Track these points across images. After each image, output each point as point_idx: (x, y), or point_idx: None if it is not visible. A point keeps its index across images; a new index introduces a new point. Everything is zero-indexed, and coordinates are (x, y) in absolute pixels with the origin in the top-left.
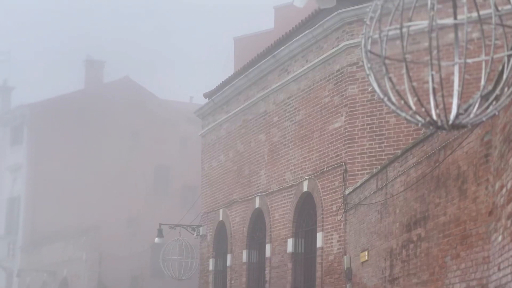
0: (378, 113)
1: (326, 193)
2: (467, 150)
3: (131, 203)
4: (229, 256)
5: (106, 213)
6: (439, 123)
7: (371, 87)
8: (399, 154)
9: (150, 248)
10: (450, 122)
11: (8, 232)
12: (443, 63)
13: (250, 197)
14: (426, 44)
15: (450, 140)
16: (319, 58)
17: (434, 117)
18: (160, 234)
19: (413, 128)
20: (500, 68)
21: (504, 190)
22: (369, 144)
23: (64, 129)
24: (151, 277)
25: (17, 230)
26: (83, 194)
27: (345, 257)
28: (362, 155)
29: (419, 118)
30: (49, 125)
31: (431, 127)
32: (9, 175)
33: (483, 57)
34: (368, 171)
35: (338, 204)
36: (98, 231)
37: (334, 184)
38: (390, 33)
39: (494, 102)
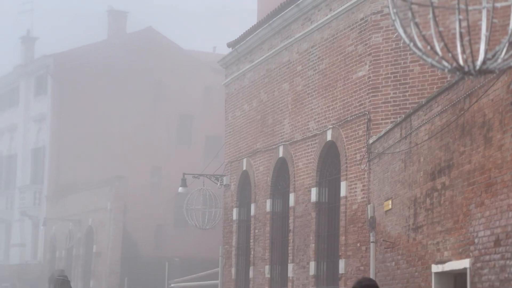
0: (402, 61)
1: (350, 142)
2: (492, 97)
3: (155, 153)
4: (252, 206)
5: (130, 163)
6: (466, 69)
7: (396, 34)
8: (423, 103)
9: (173, 198)
10: (477, 67)
11: (33, 182)
12: (470, 8)
13: (273, 147)
14: None
15: (476, 87)
16: (343, 7)
17: (461, 62)
18: (183, 183)
19: (437, 77)
20: None
21: None
22: (393, 93)
23: (88, 80)
24: (175, 227)
25: (43, 179)
26: (107, 144)
27: (368, 206)
28: (386, 104)
29: (446, 64)
30: (73, 75)
31: (457, 73)
32: (34, 126)
33: (511, 1)
34: (392, 120)
35: (361, 153)
36: (123, 181)
37: (357, 133)
38: None
39: None
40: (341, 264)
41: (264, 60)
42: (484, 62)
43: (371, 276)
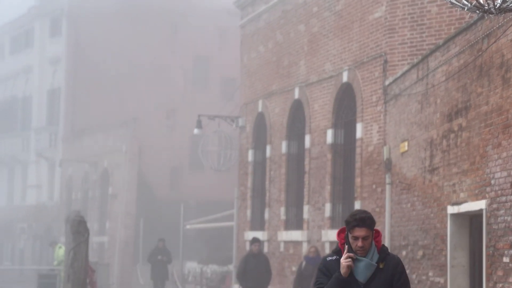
0: (419, 2)
1: (366, 83)
2: (511, 38)
3: (170, 95)
4: (268, 147)
5: (145, 105)
6: (486, 7)
7: None
8: (441, 44)
9: (189, 139)
10: (497, 5)
11: (49, 124)
12: None
13: (289, 88)
14: None
15: (494, 28)
16: None
17: (481, 0)
18: (199, 125)
19: (455, 17)
20: None
21: None
22: (410, 34)
23: (103, 21)
24: (190, 169)
25: (58, 121)
26: (122, 86)
27: (384, 147)
28: (403, 45)
29: (465, 2)
30: (88, 16)
31: (477, 11)
32: (49, 67)
33: None
34: (409, 61)
35: (378, 95)
36: (138, 123)
37: (374, 75)
38: None
39: None
40: (357, 205)
41: (280, 1)
42: (504, 1)
43: (387, 218)
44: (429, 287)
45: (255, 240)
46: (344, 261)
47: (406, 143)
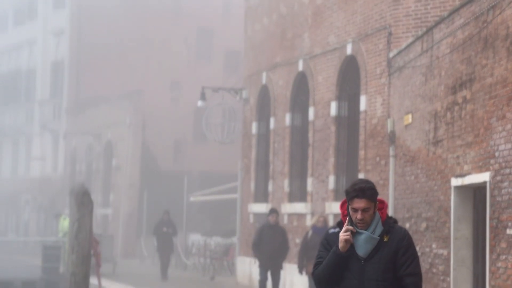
0: None
1: (370, 56)
2: None
3: (174, 67)
4: (272, 120)
5: (149, 77)
6: None
7: None
8: (445, 16)
9: (193, 112)
10: None
11: (53, 96)
12: None
13: (293, 61)
14: None
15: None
16: None
17: None
18: (202, 97)
19: None
20: None
21: None
22: (415, 6)
23: None
24: (194, 141)
25: (62, 93)
26: (126, 58)
27: (388, 120)
28: (407, 17)
29: None
30: None
31: None
32: (53, 39)
33: None
34: (413, 33)
35: (382, 67)
36: (141, 95)
37: (378, 47)
38: None
39: None
40: (361, 178)
41: None
42: None
43: (390, 190)
44: (432, 259)
45: (272, 211)
46: (342, 234)
47: (410, 116)
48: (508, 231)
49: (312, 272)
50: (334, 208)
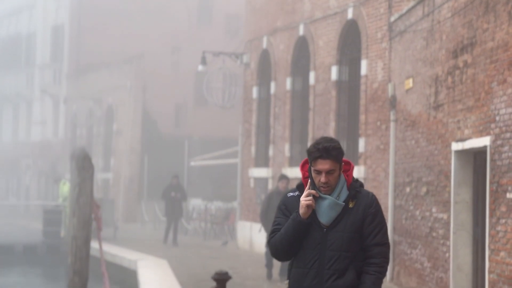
0: None
1: (371, 20)
2: None
3: (174, 32)
4: (272, 84)
5: (150, 41)
6: None
7: None
8: None
9: (193, 76)
10: None
11: (53, 60)
12: None
13: (294, 25)
14: None
15: None
16: None
17: None
18: (203, 61)
19: None
20: None
21: None
22: None
23: None
24: (195, 106)
25: (62, 57)
26: (127, 22)
27: (389, 84)
28: None
29: None
30: None
31: None
32: (53, 3)
33: None
34: None
35: (383, 32)
36: (142, 60)
37: (379, 11)
38: None
39: None
40: (361, 142)
41: None
42: None
43: (391, 155)
44: (432, 223)
45: (283, 177)
46: (303, 199)
47: (411, 80)
48: (508, 195)
49: (267, 241)
50: None
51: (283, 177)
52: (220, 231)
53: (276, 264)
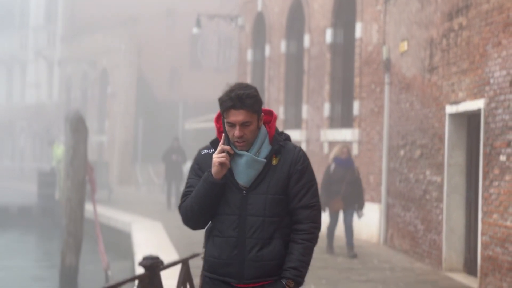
0: None
1: None
2: None
3: None
4: (267, 47)
5: (145, 4)
6: None
7: None
8: None
9: (188, 39)
10: None
11: (47, 22)
12: None
13: None
14: None
15: None
16: None
17: None
18: (198, 24)
19: None
20: None
21: None
22: None
23: None
24: (190, 68)
25: (57, 20)
26: None
27: (384, 47)
28: None
29: None
30: None
31: None
32: None
33: None
34: None
35: None
36: (137, 23)
37: None
38: None
39: None
40: (355, 105)
41: None
42: None
43: (385, 117)
44: (426, 185)
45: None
46: (216, 156)
47: (405, 43)
48: (501, 158)
49: (178, 206)
50: (329, 135)
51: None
52: None
53: None
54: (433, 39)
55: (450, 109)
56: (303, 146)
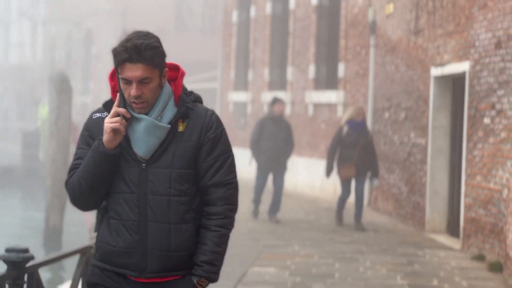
0: None
1: None
2: None
3: None
4: (252, 8)
5: None
6: None
7: None
8: None
9: (174, 1)
10: None
11: None
12: None
13: None
14: None
15: None
16: None
17: None
18: None
19: None
20: None
21: None
22: None
23: None
24: (175, 30)
25: None
26: None
27: (369, 9)
28: None
29: None
30: None
31: None
32: None
33: None
34: None
35: None
36: None
37: None
38: None
39: None
40: (341, 67)
41: None
42: None
43: (371, 80)
44: (410, 148)
45: (277, 100)
46: (108, 121)
47: (391, 5)
48: (485, 120)
49: (65, 182)
50: (314, 97)
51: (277, 100)
52: None
53: (266, 200)
54: (419, 1)
55: (435, 71)
56: (288, 108)
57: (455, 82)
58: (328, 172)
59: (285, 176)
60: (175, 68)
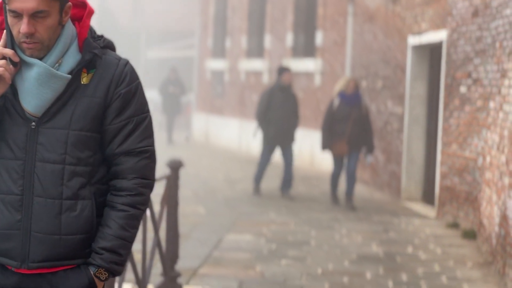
0: None
1: None
2: None
3: None
4: None
5: None
6: None
7: None
8: None
9: None
10: None
11: None
12: None
13: None
14: None
15: None
16: None
17: None
18: None
19: None
20: None
21: None
22: None
23: None
24: None
25: None
26: None
27: None
28: None
29: None
30: None
31: None
32: None
33: None
34: None
35: None
36: None
37: None
38: None
39: None
40: (318, 35)
41: None
42: None
43: (348, 48)
44: (387, 116)
45: (284, 69)
46: None
47: None
48: (462, 89)
49: None
50: (292, 65)
51: (285, 69)
52: (176, 124)
53: (268, 177)
54: None
55: (412, 40)
56: (265, 76)
57: (432, 51)
58: (324, 146)
59: (293, 149)
60: (82, 4)
